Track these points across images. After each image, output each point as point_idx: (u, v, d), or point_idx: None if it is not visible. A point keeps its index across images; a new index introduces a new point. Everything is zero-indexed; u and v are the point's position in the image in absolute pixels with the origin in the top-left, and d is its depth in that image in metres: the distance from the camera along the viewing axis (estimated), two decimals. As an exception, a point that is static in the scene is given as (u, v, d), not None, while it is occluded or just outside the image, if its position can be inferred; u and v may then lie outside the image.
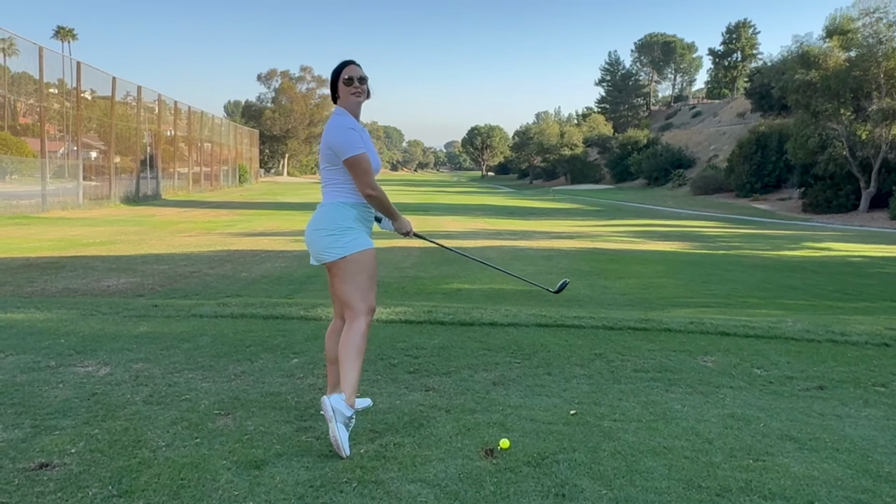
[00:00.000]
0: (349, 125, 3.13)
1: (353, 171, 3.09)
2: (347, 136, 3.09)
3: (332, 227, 3.14)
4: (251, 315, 5.21)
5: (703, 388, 3.87)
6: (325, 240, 3.14)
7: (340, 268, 3.12)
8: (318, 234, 3.18)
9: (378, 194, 3.13)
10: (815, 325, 5.44)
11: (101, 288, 9.26)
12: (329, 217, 3.17)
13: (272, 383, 3.71)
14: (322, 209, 3.23)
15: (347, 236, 3.11)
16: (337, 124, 3.15)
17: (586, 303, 9.02)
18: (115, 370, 3.84)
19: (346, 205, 3.16)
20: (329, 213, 3.18)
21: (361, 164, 3.07)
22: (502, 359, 4.30)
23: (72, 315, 5.13)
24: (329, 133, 3.16)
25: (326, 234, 3.14)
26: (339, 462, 2.75)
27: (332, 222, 3.15)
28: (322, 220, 3.19)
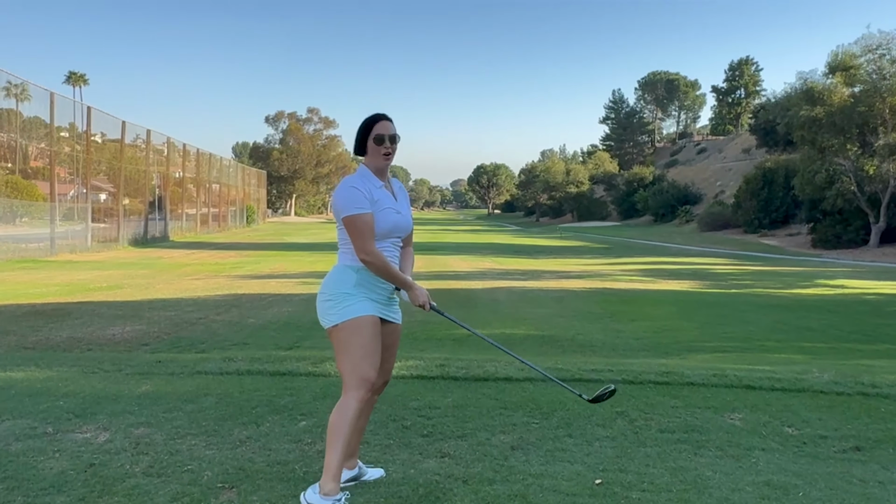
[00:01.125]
0: (352, 182, 2.95)
1: (348, 232, 2.91)
2: (347, 194, 2.91)
3: (330, 291, 2.98)
4: (257, 371, 5.03)
5: (733, 450, 3.66)
6: (322, 305, 2.99)
7: (333, 336, 2.95)
8: (319, 297, 3.04)
9: (373, 259, 2.88)
10: (842, 375, 5.22)
11: (107, 337, 9.11)
12: (329, 281, 3.02)
13: (279, 450, 3.52)
14: (329, 272, 3.10)
15: (343, 303, 2.92)
16: (343, 182, 3.00)
17: (600, 348, 8.82)
18: (114, 436, 3.66)
19: (349, 268, 2.99)
20: (331, 276, 3.04)
21: (355, 223, 2.87)
22: (520, 419, 4.10)
23: (73, 373, 4.97)
24: (335, 190, 3.02)
25: (325, 298, 2.99)
26: (351, 544, 2.56)
27: (331, 287, 2.99)
28: (324, 283, 3.05)
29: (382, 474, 3.19)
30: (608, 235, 52.14)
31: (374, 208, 2.92)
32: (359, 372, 2.87)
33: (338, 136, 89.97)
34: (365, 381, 2.88)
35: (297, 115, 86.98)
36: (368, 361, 2.89)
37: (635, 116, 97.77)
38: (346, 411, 2.84)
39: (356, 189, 2.91)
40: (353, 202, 2.88)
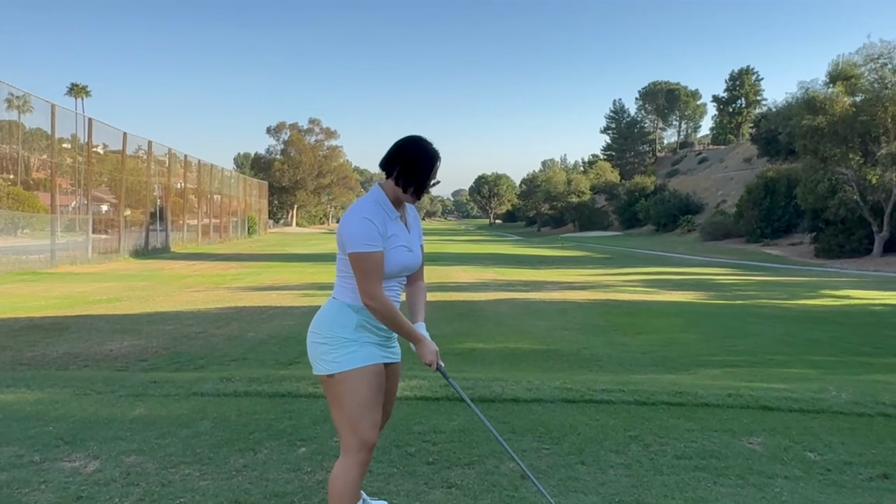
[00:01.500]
0: (365, 213, 2.53)
1: (354, 270, 2.52)
2: (359, 227, 2.50)
3: (325, 333, 2.58)
4: (255, 393, 4.85)
5: (754, 478, 3.48)
6: (316, 348, 2.60)
7: (328, 387, 2.59)
8: (311, 337, 2.65)
9: (379, 306, 2.49)
10: (861, 394, 5.05)
11: (104, 352, 8.95)
12: (325, 320, 2.62)
13: (277, 480, 3.34)
14: (324, 307, 2.70)
15: (342, 349, 2.53)
16: (356, 209, 2.58)
17: (607, 362, 8.64)
18: (104, 465, 3.49)
19: (348, 308, 2.58)
20: (326, 315, 2.63)
21: (363, 263, 2.47)
22: (529, 444, 3.92)
23: (64, 395, 4.80)
24: (344, 216, 2.63)
25: (318, 340, 2.60)
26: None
27: (327, 328, 2.59)
28: (318, 322, 2.65)
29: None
30: (610, 245, 51.97)
31: (385, 245, 2.55)
32: (359, 433, 2.55)
33: (339, 147, 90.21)
34: (366, 443, 2.57)
35: (299, 125, 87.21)
36: (369, 420, 2.56)
37: (636, 126, 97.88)
38: (348, 476, 2.56)
39: (370, 223, 2.50)
40: (364, 237, 2.48)
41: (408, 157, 2.59)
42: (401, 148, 2.63)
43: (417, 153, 2.61)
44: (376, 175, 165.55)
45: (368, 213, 2.54)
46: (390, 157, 2.62)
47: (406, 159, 2.59)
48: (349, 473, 2.57)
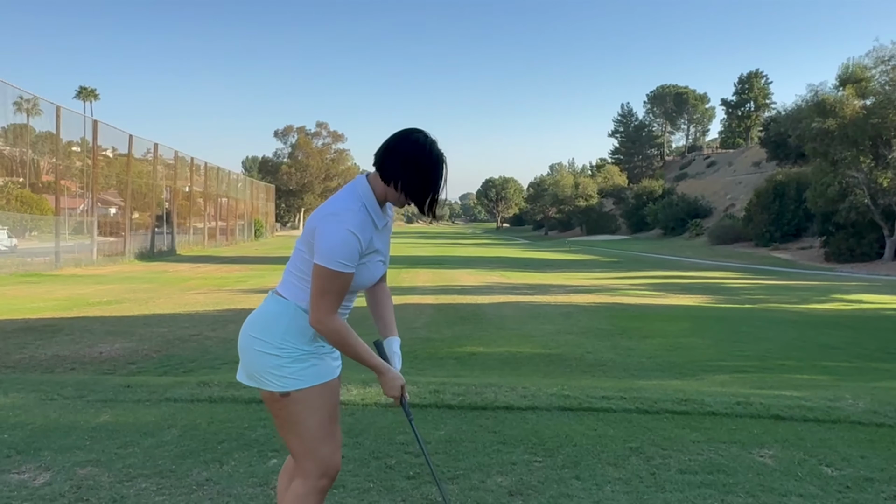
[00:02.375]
0: (352, 226, 2.08)
1: (316, 283, 2.08)
2: (341, 240, 2.07)
3: (278, 343, 2.14)
4: (231, 399, 4.56)
5: (767, 497, 3.16)
6: (264, 359, 2.15)
7: (282, 407, 2.15)
8: (255, 345, 2.18)
9: (330, 331, 2.08)
10: (879, 403, 4.72)
11: (93, 355, 8.70)
12: (277, 326, 2.16)
13: (241, 496, 3.05)
14: (271, 308, 2.23)
15: (300, 363, 2.14)
16: (342, 218, 2.10)
17: (611, 367, 8.32)
18: (55, 478, 3.20)
19: (306, 313, 2.14)
20: (279, 319, 2.18)
21: (327, 282, 2.07)
22: (520, 456, 3.61)
23: (29, 400, 4.53)
24: (325, 218, 2.15)
25: (269, 351, 2.15)
26: None
27: (281, 337, 2.15)
28: (266, 326, 2.19)
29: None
30: (617, 249, 51.56)
31: (362, 260, 2.15)
32: (321, 459, 2.19)
33: (346, 150, 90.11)
34: (329, 469, 2.22)
35: (306, 129, 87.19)
36: (332, 443, 2.22)
37: (644, 130, 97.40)
38: (300, 498, 2.19)
39: (355, 239, 2.08)
40: (342, 255, 2.06)
41: (423, 166, 2.14)
42: (410, 151, 2.15)
43: (431, 161, 2.15)
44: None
45: (356, 225, 2.10)
46: (391, 156, 2.16)
47: (420, 167, 2.14)
48: (306, 501, 2.21)
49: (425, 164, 2.14)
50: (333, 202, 2.20)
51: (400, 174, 2.14)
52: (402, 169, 2.13)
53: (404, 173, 2.13)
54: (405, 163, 2.13)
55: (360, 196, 2.18)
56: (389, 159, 2.14)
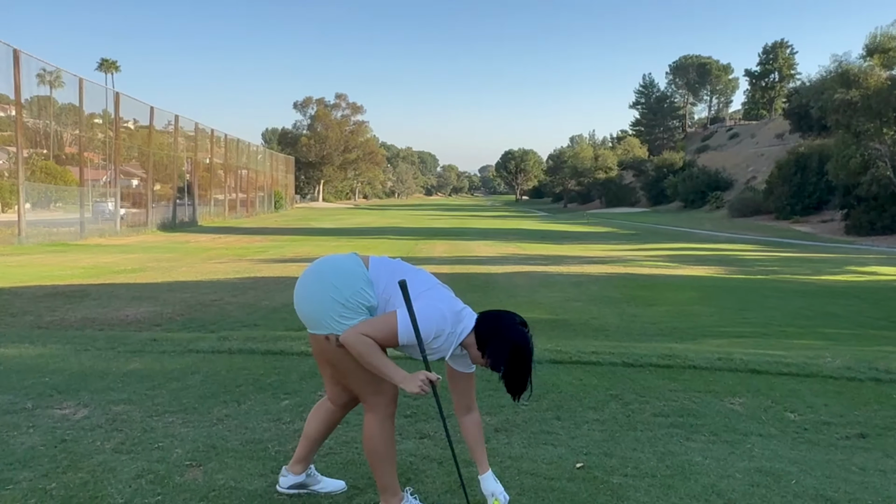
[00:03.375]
0: (448, 325, 2.45)
1: (382, 319, 2.43)
2: (436, 319, 2.41)
3: (349, 296, 2.45)
4: (249, 350, 4.97)
5: (728, 435, 3.49)
6: (333, 306, 2.44)
7: (343, 355, 2.44)
8: (328, 291, 2.46)
9: (359, 342, 2.36)
10: (856, 361, 5.00)
11: (120, 318, 9.16)
12: (353, 282, 2.48)
13: (255, 429, 3.44)
14: (354, 267, 2.54)
15: (360, 316, 2.45)
16: (444, 315, 2.44)
17: (613, 332, 8.63)
18: (93, 413, 3.62)
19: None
20: (356, 278, 2.50)
21: (386, 334, 2.40)
22: (509, 401, 3.91)
23: (65, 350, 4.96)
24: (434, 304, 2.47)
25: (339, 299, 2.45)
26: (310, 525, 2.46)
27: (353, 292, 2.46)
28: (345, 277, 2.49)
29: (342, 487, 2.80)
30: (636, 221, 51.46)
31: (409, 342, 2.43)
32: (385, 391, 2.55)
33: (366, 122, 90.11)
34: (393, 397, 2.61)
35: (326, 100, 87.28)
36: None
37: (666, 101, 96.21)
38: (384, 433, 2.56)
39: (445, 329, 2.44)
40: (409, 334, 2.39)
41: (516, 365, 2.52)
42: (510, 350, 2.50)
43: (525, 361, 2.53)
44: (402, 151, 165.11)
45: (449, 326, 2.46)
46: (498, 337, 2.50)
47: (513, 364, 2.51)
48: (383, 429, 2.55)
49: (525, 356, 2.53)
50: (451, 302, 2.54)
51: (501, 356, 2.48)
52: (506, 350, 2.49)
53: (505, 357, 2.49)
54: (512, 348, 2.50)
55: (463, 329, 2.50)
56: (495, 338, 2.49)
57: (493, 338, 2.50)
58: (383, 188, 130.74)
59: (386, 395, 2.56)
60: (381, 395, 2.55)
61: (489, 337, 2.50)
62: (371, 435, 2.56)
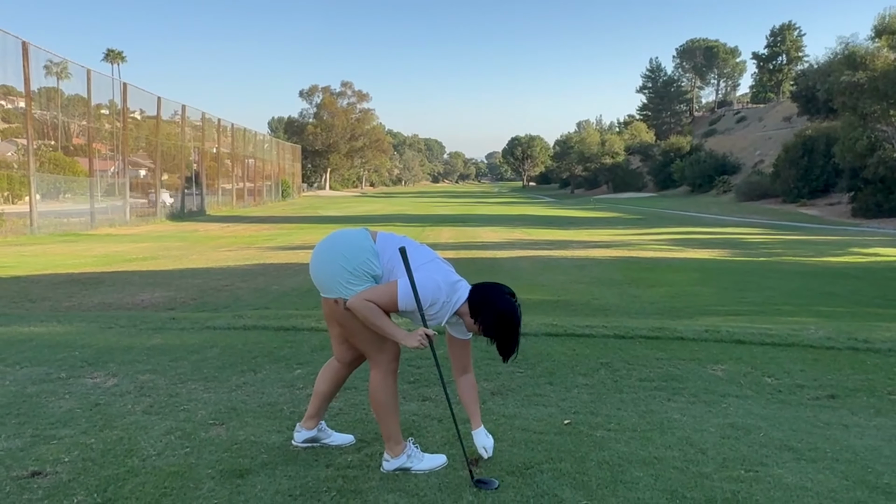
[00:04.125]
0: (444, 295, 2.74)
1: (383, 288, 2.72)
2: (427, 289, 2.69)
3: (355, 264, 2.76)
4: (263, 327, 5.29)
5: (707, 396, 3.78)
6: (340, 273, 2.76)
7: (349, 316, 2.74)
8: (336, 259, 2.78)
9: (363, 307, 2.65)
10: (837, 332, 5.27)
11: (135, 302, 9.50)
12: (361, 252, 2.79)
13: (271, 394, 3.76)
14: (364, 241, 2.84)
15: (365, 283, 2.75)
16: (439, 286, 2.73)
17: (613, 311, 8.88)
18: (121, 381, 3.94)
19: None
20: (362, 246, 2.81)
21: (388, 299, 2.69)
22: (505, 368, 4.26)
23: (91, 328, 5.29)
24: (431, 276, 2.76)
25: (347, 266, 2.76)
26: (322, 471, 2.77)
27: (359, 262, 2.77)
28: (350, 247, 2.81)
29: (351, 441, 3.12)
30: (643, 206, 51.56)
31: (409, 307, 2.72)
32: (387, 349, 2.85)
33: (372, 110, 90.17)
34: (396, 354, 2.90)
35: (331, 88, 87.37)
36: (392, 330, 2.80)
37: (673, 85, 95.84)
38: (387, 387, 2.86)
39: (440, 298, 2.73)
40: (411, 296, 2.68)
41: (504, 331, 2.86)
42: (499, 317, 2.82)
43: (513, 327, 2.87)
44: (409, 138, 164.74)
45: (445, 295, 2.75)
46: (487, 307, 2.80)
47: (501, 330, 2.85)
48: (387, 383, 2.86)
49: (512, 322, 2.86)
50: (447, 274, 2.84)
51: (491, 322, 2.81)
52: (495, 318, 2.81)
53: (494, 323, 2.82)
54: (501, 317, 2.82)
55: (458, 299, 2.80)
56: (485, 308, 2.80)
57: (483, 306, 2.80)
58: (390, 176, 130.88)
59: (388, 353, 2.86)
60: (384, 353, 2.86)
61: (480, 306, 2.81)
62: (375, 388, 2.87)
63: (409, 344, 2.72)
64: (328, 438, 3.11)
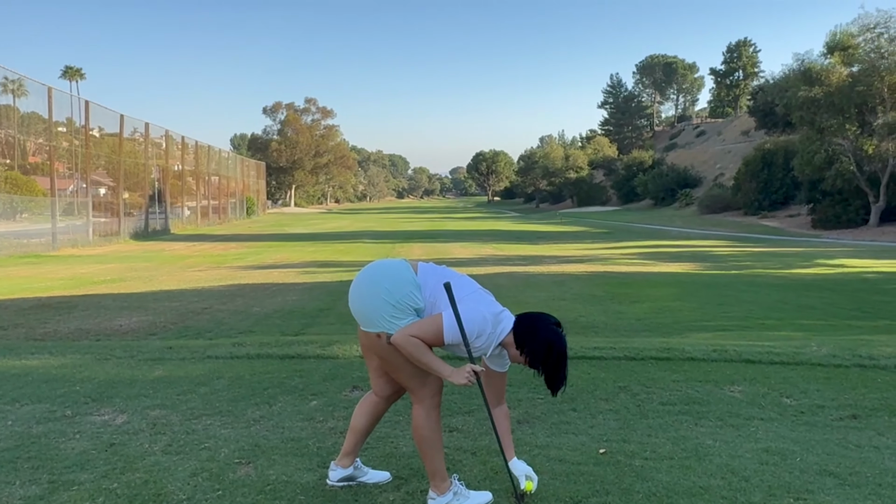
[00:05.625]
0: (494, 329, 2.71)
1: (429, 321, 2.66)
2: (474, 323, 2.65)
3: (398, 298, 2.68)
4: (267, 355, 5.13)
5: (733, 420, 3.76)
6: (384, 307, 2.68)
7: (391, 351, 2.67)
8: (380, 293, 2.69)
9: (409, 343, 2.59)
10: (840, 349, 5.33)
11: (114, 327, 9.20)
12: (404, 286, 2.71)
13: (292, 428, 3.63)
14: (405, 272, 2.77)
15: (409, 317, 2.68)
16: (486, 318, 2.70)
17: (602, 329, 8.91)
18: (131, 418, 3.77)
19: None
20: (405, 279, 2.73)
21: (432, 332, 2.63)
22: (525, 395, 4.20)
23: (87, 360, 5.07)
24: (477, 306, 2.74)
25: (390, 300, 2.68)
26: (366, 512, 2.66)
27: (402, 295, 2.69)
28: (394, 280, 2.72)
29: (387, 478, 3.02)
30: (608, 220, 52.19)
31: (454, 341, 2.68)
32: (430, 384, 2.78)
33: (336, 126, 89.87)
34: (439, 389, 2.83)
35: (295, 105, 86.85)
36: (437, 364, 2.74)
37: (634, 100, 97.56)
38: (430, 422, 2.79)
39: (486, 330, 2.68)
40: (456, 331, 2.63)
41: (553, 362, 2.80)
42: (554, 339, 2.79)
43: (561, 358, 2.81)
44: (373, 154, 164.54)
45: (495, 329, 2.71)
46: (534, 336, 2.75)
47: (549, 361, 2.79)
48: (430, 418, 2.78)
49: (560, 353, 2.81)
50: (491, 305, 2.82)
51: (539, 353, 2.76)
52: (543, 348, 2.76)
53: (542, 354, 2.76)
54: (549, 347, 2.76)
55: (502, 330, 2.75)
56: (532, 338, 2.75)
57: (530, 337, 2.74)
58: (355, 192, 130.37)
59: (431, 387, 2.79)
60: (427, 387, 2.78)
61: (527, 337, 2.74)
62: (419, 424, 2.79)
63: (457, 381, 2.64)
64: (364, 476, 3.00)
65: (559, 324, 2.82)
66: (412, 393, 2.83)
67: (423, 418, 2.79)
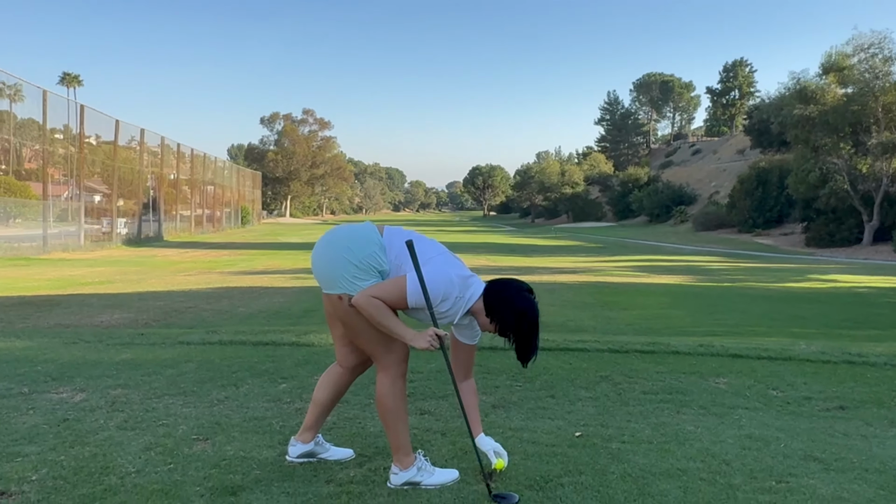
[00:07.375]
0: (458, 290, 2.53)
1: (392, 282, 2.52)
2: (439, 284, 2.49)
3: (361, 257, 2.55)
4: (240, 342, 4.98)
5: (716, 409, 3.62)
6: (346, 266, 2.54)
7: (353, 314, 2.52)
8: (342, 252, 2.56)
9: (370, 305, 2.44)
10: (830, 347, 5.21)
11: (95, 323, 9.03)
12: (367, 245, 2.58)
13: (257, 408, 3.48)
14: (370, 233, 2.63)
15: (372, 279, 2.54)
16: (451, 279, 2.53)
17: (591, 332, 8.76)
18: (90, 396, 3.61)
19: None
20: (370, 243, 2.59)
21: (395, 295, 2.47)
22: (503, 382, 4.06)
23: (53, 343, 4.92)
24: (441, 268, 2.57)
25: (352, 260, 2.55)
26: (323, 487, 2.52)
27: (365, 255, 2.56)
28: (356, 239, 2.60)
29: (350, 455, 2.87)
30: (603, 235, 52.15)
31: (418, 304, 2.51)
32: (396, 350, 2.62)
33: (333, 138, 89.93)
34: (405, 355, 2.67)
35: (293, 116, 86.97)
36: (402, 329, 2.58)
37: (630, 118, 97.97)
38: (395, 390, 2.64)
39: (453, 293, 2.52)
40: (419, 296, 2.47)
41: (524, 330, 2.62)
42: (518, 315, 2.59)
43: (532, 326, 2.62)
44: (370, 167, 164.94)
45: (458, 290, 2.55)
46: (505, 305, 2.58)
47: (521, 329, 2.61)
48: (395, 387, 2.63)
49: (532, 322, 2.62)
50: (459, 269, 2.64)
51: (510, 321, 2.59)
52: (514, 316, 2.58)
53: (513, 322, 2.59)
54: (521, 314, 2.58)
55: (471, 295, 2.59)
56: (503, 305, 2.57)
57: (501, 305, 2.58)
58: (351, 204, 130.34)
59: (397, 354, 2.63)
60: (392, 354, 2.63)
61: (497, 304, 2.58)
62: (383, 393, 2.64)
63: (418, 345, 2.50)
64: (326, 453, 2.85)
65: (531, 290, 2.68)
66: (376, 360, 2.68)
67: (387, 387, 2.64)
